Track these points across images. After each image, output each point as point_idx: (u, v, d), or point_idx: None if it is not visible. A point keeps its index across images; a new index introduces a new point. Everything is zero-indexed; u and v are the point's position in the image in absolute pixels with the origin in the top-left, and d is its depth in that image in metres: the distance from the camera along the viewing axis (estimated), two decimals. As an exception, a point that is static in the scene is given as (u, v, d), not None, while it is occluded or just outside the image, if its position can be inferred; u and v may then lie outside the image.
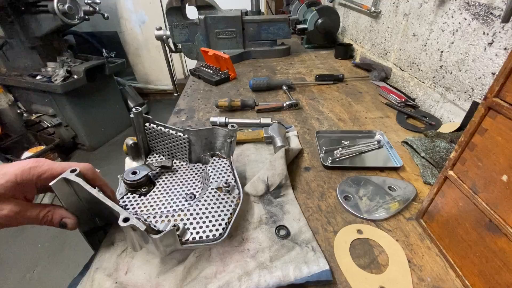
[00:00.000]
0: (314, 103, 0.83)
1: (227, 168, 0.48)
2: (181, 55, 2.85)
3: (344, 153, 0.59)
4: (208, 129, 0.48)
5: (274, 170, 0.50)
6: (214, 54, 1.02)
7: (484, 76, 0.60)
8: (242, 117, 0.77)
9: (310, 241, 0.40)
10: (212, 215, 0.39)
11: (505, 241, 0.29)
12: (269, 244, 0.40)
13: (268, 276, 0.35)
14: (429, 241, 0.41)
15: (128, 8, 2.64)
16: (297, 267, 0.36)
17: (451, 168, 0.36)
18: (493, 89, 0.29)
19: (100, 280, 0.35)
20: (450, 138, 0.59)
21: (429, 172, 0.53)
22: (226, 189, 0.43)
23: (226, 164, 0.49)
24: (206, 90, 0.95)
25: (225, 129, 0.47)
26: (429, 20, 0.76)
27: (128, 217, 0.30)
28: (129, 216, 0.30)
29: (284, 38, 1.25)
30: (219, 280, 0.35)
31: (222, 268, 0.36)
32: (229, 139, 0.47)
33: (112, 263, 0.37)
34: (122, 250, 0.39)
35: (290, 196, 0.48)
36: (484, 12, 0.58)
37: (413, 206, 0.47)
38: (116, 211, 0.31)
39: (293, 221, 0.44)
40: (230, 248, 0.39)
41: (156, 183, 0.47)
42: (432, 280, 0.36)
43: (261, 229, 0.42)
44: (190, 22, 1.17)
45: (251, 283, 0.34)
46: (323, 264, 0.36)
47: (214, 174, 0.46)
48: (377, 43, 1.08)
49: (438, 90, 0.75)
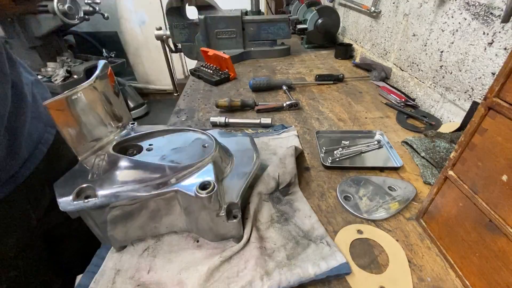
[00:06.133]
0: (314, 103, 0.83)
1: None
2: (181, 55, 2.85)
3: (344, 153, 0.59)
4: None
5: (284, 168, 0.49)
6: (214, 54, 1.02)
7: (484, 76, 0.60)
8: (242, 117, 0.77)
9: (324, 237, 0.40)
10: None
11: (505, 241, 0.29)
12: (284, 242, 0.40)
13: (288, 274, 0.35)
14: (429, 241, 0.41)
15: (128, 8, 2.64)
16: (315, 264, 0.36)
17: (451, 168, 0.36)
18: (493, 89, 0.29)
19: (121, 284, 0.35)
20: (450, 138, 0.59)
21: (429, 172, 0.53)
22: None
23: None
24: (206, 90, 0.95)
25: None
26: (429, 20, 0.76)
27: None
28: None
29: (284, 38, 1.25)
30: (241, 279, 0.35)
31: (243, 266, 0.36)
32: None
33: (134, 263, 0.38)
34: (143, 250, 0.40)
35: (298, 194, 0.49)
36: (484, 12, 0.58)
37: (413, 206, 0.47)
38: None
39: (305, 218, 0.44)
40: (248, 248, 0.39)
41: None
42: (432, 280, 0.36)
43: (273, 228, 0.42)
44: (190, 22, 1.17)
45: (273, 282, 0.34)
46: (340, 258, 0.37)
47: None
48: (377, 43, 1.08)
49: (438, 90, 0.75)
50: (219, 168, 0.41)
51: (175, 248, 0.40)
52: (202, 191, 0.33)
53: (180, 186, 0.35)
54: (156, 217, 0.38)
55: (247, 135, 0.53)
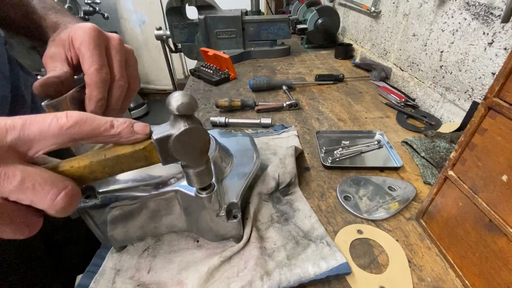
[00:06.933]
0: (314, 103, 0.83)
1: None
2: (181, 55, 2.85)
3: (344, 153, 0.59)
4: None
5: (284, 168, 0.50)
6: (214, 54, 1.02)
7: (484, 76, 0.60)
8: (242, 117, 0.77)
9: (324, 237, 0.40)
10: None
11: (505, 241, 0.29)
12: (284, 242, 0.40)
13: (288, 274, 0.35)
14: (429, 241, 0.41)
15: (128, 8, 2.64)
16: (316, 264, 0.36)
17: (451, 168, 0.36)
18: (493, 89, 0.29)
19: (121, 284, 0.35)
20: (450, 138, 0.59)
21: (429, 172, 0.53)
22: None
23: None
24: (206, 90, 0.95)
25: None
26: (429, 20, 0.76)
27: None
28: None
29: (284, 38, 1.25)
30: (241, 279, 0.35)
31: (243, 266, 0.36)
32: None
33: (134, 263, 0.38)
34: (143, 250, 0.40)
35: (298, 194, 0.49)
36: (484, 12, 0.58)
37: (413, 206, 0.47)
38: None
39: (305, 218, 0.44)
40: (248, 248, 0.39)
41: None
42: (432, 280, 0.36)
43: (273, 227, 0.42)
44: (190, 22, 1.17)
45: (273, 282, 0.34)
46: (340, 258, 0.37)
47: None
48: (377, 43, 1.08)
49: (438, 90, 0.75)
50: (219, 168, 0.41)
51: (175, 248, 0.40)
52: (202, 191, 0.33)
53: (180, 186, 0.35)
54: (156, 217, 0.38)
55: (247, 135, 0.53)
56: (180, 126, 0.24)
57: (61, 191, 0.20)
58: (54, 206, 0.20)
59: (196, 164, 0.28)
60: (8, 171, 0.18)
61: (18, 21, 0.39)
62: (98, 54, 0.30)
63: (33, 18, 0.37)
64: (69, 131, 0.20)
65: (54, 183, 0.20)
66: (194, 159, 0.27)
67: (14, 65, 0.42)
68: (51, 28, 0.36)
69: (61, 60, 0.31)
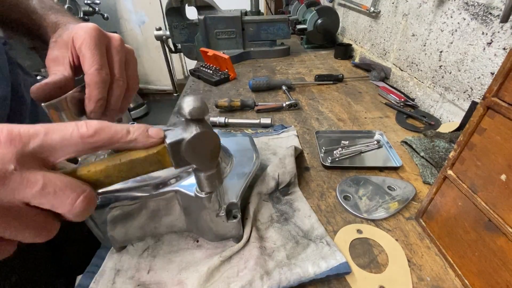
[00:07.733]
0: (314, 103, 0.84)
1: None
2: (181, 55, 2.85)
3: (344, 153, 0.59)
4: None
5: (284, 168, 0.50)
6: (213, 54, 1.02)
7: (483, 76, 0.60)
8: (242, 117, 0.77)
9: (324, 236, 0.40)
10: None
11: (504, 240, 0.29)
12: (284, 242, 0.40)
13: (288, 273, 0.35)
14: (428, 240, 0.41)
15: (128, 8, 2.64)
16: (315, 263, 0.36)
17: (450, 168, 0.36)
18: (492, 88, 0.29)
19: (121, 284, 0.36)
20: (449, 137, 0.59)
21: (429, 171, 0.53)
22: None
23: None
24: (206, 90, 0.95)
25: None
26: (428, 20, 0.76)
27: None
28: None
29: (283, 38, 1.25)
30: (241, 279, 0.35)
31: (243, 266, 0.37)
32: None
33: (134, 263, 0.38)
34: (143, 250, 0.40)
35: (298, 194, 0.49)
36: (483, 12, 0.58)
37: (412, 205, 0.47)
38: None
39: (304, 218, 0.44)
40: (248, 248, 0.39)
41: None
42: (432, 279, 0.36)
43: (273, 227, 0.42)
44: (189, 22, 1.17)
45: (273, 281, 0.34)
46: (340, 257, 0.37)
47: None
48: (376, 43, 1.08)
49: (437, 90, 0.75)
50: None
51: (175, 248, 0.40)
52: (202, 191, 0.33)
53: (180, 186, 0.35)
54: (156, 217, 0.38)
55: (247, 135, 0.53)
56: (192, 130, 0.24)
57: (80, 195, 0.21)
58: (73, 210, 0.20)
59: (207, 167, 0.28)
60: (31, 176, 0.19)
61: (18, 21, 0.39)
62: (99, 54, 0.31)
63: (33, 18, 0.37)
64: (89, 140, 0.21)
65: (74, 188, 0.20)
66: (205, 163, 0.27)
67: (13, 66, 0.42)
68: (51, 28, 0.36)
69: (64, 64, 0.31)
